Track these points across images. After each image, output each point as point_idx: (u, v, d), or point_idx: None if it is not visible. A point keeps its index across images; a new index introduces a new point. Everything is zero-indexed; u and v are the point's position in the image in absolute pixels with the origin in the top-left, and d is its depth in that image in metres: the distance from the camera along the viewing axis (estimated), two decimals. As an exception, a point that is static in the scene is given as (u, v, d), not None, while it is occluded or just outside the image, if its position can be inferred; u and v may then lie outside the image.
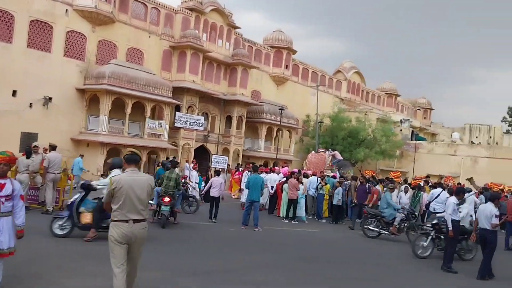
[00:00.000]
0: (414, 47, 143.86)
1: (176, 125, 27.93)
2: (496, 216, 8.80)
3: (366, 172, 28.37)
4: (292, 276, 7.79)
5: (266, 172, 18.48)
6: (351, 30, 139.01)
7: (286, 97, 37.38)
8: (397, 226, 12.84)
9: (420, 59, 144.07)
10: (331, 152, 24.92)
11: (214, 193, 13.22)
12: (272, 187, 17.27)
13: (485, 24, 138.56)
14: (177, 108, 28.59)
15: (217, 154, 30.35)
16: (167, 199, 11.27)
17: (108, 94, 23.88)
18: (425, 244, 10.58)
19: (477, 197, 18.34)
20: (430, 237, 10.54)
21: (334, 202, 16.19)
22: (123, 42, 26.74)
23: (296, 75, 40.11)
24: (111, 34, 26.04)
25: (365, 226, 13.35)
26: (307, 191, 16.49)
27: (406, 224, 13.13)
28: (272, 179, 17.72)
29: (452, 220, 9.35)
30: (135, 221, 4.64)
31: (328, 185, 16.93)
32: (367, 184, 16.03)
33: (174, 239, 10.11)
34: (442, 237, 10.44)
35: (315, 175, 17.69)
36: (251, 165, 18.60)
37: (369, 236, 13.07)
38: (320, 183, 16.68)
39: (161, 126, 26.56)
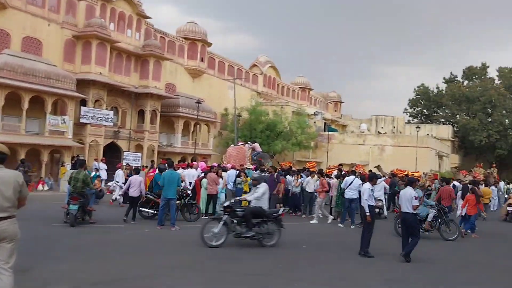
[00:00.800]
0: (325, 44, 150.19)
1: (82, 120, 25.81)
2: (415, 198, 9.03)
3: (285, 163, 28.62)
4: (208, 277, 7.16)
5: (183, 168, 17.68)
6: (267, 26, 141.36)
7: (202, 91, 36.53)
8: (430, 223, 12.45)
9: (331, 55, 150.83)
10: (250, 145, 24.76)
11: (133, 193, 12.45)
12: (190, 183, 16.49)
13: (386, 25, 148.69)
14: (83, 103, 26.45)
15: (129, 151, 28.70)
16: (75, 198, 11.17)
17: (1, 88, 21.31)
18: (216, 230, 9.26)
19: (388, 183, 19.32)
20: (222, 222, 9.34)
21: None
22: (17, 30, 24.05)
23: (212, 68, 39.40)
24: (3, 21, 23.27)
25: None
26: (226, 185, 16.00)
27: (439, 221, 12.48)
28: (190, 174, 16.91)
29: (369, 205, 9.40)
30: (0, 219, 4.28)
31: (249, 178, 16.56)
32: (275, 174, 16.01)
33: (80, 244, 9.02)
34: (235, 221, 9.54)
35: (234, 169, 17.25)
36: (166, 161, 17.72)
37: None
38: (237, 176, 16.24)
39: (64, 122, 24.34)
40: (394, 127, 52.83)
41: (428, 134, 45.26)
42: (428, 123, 55.20)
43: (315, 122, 42.68)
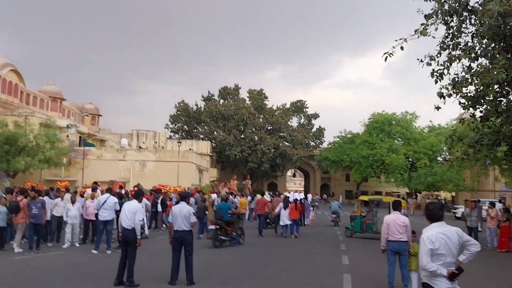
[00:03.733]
0: (81, 54, 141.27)
1: None
2: (194, 214, 8.53)
3: (29, 183, 24.44)
4: None
5: None
6: (8, 24, 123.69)
7: None
8: None
9: (88, 66, 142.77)
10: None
11: None
12: None
13: (146, 42, 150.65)
14: None
15: None
16: None
17: None
18: None
19: (151, 201, 18.13)
20: None
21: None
22: None
23: None
24: None
25: None
26: None
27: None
28: None
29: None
30: None
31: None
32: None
33: None
34: None
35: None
36: None
37: None
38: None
39: None
40: (156, 142, 52.33)
41: (190, 149, 46.32)
42: (189, 138, 56.79)
43: (68, 136, 38.06)
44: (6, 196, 13.91)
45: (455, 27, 10.86)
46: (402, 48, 10.05)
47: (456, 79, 11.93)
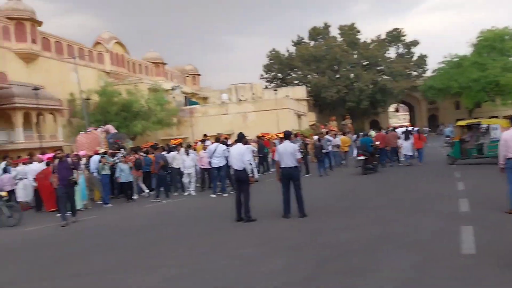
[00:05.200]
0: (172, 18, 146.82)
1: None
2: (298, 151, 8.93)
3: (147, 144, 26.90)
4: None
5: (24, 163, 15.48)
6: (108, 4, 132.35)
7: (41, 76, 31.98)
8: None
9: (182, 29, 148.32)
10: (103, 128, 22.54)
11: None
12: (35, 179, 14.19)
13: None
14: None
15: (-46, 156, 23.74)
16: None
17: None
18: None
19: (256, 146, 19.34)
20: None
21: (123, 180, 14.61)
22: None
23: (49, 50, 34.66)
24: None
25: None
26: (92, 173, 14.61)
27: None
28: (32, 170, 14.62)
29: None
30: None
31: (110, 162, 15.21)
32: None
33: None
34: None
35: (96, 154, 15.64)
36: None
37: None
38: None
39: None
40: (254, 93, 53.60)
41: (286, 96, 46.81)
42: (284, 85, 57.25)
43: (174, 97, 40.85)
44: (130, 154, 15.94)
45: None
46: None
47: None
